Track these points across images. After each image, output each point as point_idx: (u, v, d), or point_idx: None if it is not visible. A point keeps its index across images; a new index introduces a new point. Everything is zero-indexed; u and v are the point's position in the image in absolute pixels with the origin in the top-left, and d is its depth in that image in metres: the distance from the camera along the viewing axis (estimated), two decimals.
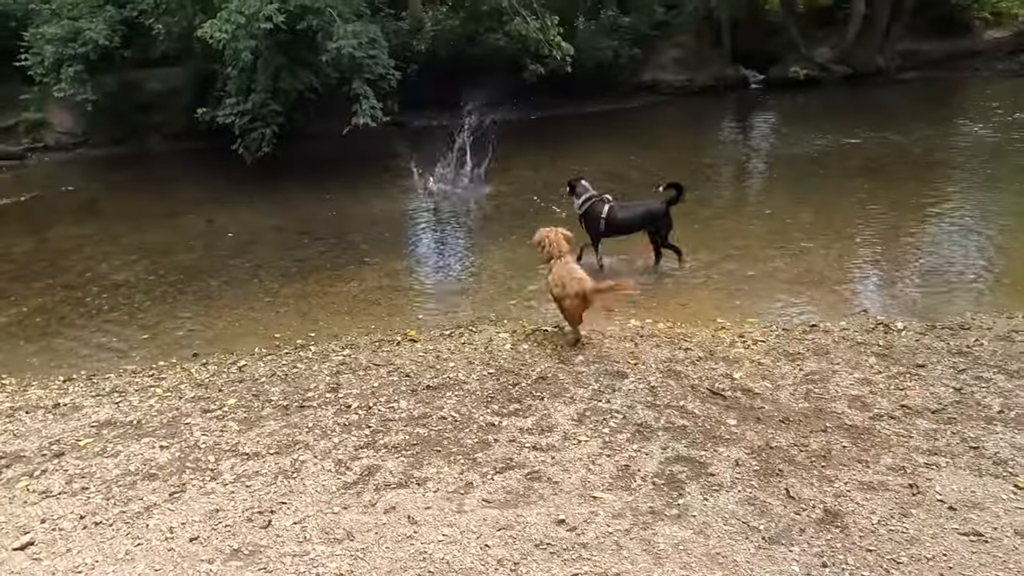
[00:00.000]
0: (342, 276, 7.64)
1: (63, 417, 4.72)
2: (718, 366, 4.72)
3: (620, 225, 6.95)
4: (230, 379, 5.14)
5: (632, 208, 7.05)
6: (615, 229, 6.97)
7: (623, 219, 6.94)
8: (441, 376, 4.85)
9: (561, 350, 5.20)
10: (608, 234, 7.01)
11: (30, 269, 8.74)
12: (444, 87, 18.07)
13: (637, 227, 6.99)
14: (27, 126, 16.26)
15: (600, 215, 6.88)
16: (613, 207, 6.94)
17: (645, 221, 6.94)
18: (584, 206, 7.00)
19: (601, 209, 6.89)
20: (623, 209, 6.99)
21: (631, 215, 6.96)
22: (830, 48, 20.19)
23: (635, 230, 7.01)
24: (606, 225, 6.91)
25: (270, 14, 10.42)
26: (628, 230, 7.02)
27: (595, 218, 6.92)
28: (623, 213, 6.95)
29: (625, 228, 7.00)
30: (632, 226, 6.99)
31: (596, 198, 7.03)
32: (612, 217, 6.90)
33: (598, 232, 6.99)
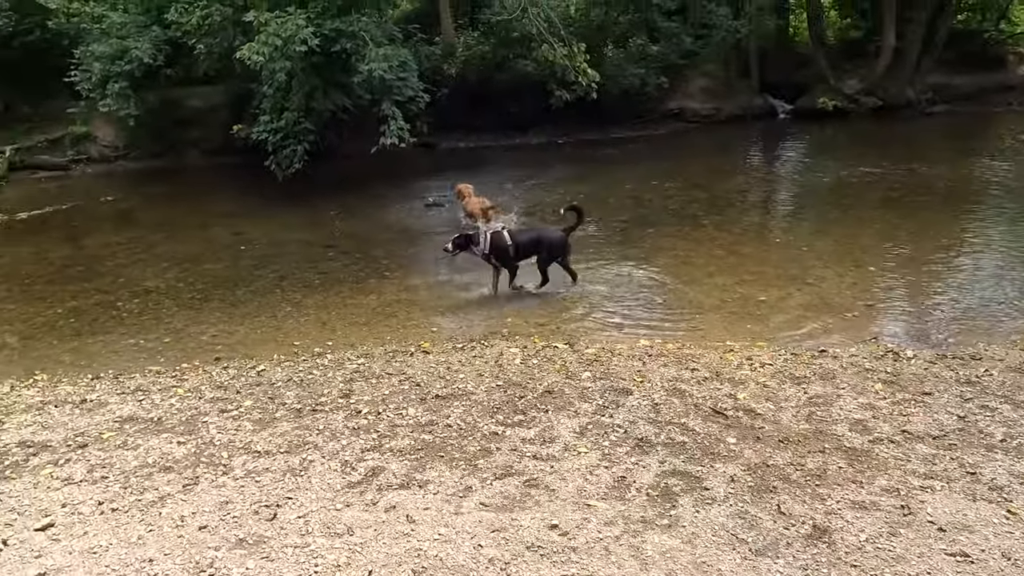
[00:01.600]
0: (363, 289, 7.85)
1: (89, 412, 4.94)
2: (723, 386, 4.77)
3: (524, 249, 7.19)
4: (248, 382, 5.32)
5: (529, 234, 7.42)
6: (521, 254, 7.20)
7: (525, 242, 7.19)
8: (450, 386, 4.98)
9: (569, 366, 5.30)
10: (516, 259, 7.19)
11: (66, 273, 9.13)
12: (473, 110, 18.52)
13: (532, 252, 7.23)
14: (72, 139, 16.99)
15: (507, 243, 7.08)
16: (512, 232, 7.23)
17: (539, 246, 7.21)
18: (487, 243, 7.09)
19: (504, 238, 7.09)
20: (521, 233, 7.37)
21: (529, 239, 7.24)
22: (859, 80, 20.19)
23: (531, 255, 7.25)
24: (515, 251, 7.12)
25: (305, 37, 10.86)
26: (527, 255, 7.25)
27: (503, 247, 7.09)
28: (522, 237, 7.27)
29: (526, 253, 7.23)
30: (530, 251, 7.23)
31: (492, 231, 7.22)
32: (516, 242, 7.13)
33: (511, 260, 7.18)
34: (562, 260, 7.24)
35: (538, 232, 7.53)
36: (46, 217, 12.72)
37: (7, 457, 4.19)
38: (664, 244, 8.92)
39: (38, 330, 7.15)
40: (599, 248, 8.87)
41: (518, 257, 7.19)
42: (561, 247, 7.20)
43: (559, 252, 7.20)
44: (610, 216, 10.56)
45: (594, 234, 9.46)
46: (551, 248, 7.19)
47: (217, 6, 13.21)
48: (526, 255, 7.23)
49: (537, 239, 7.26)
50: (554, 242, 7.20)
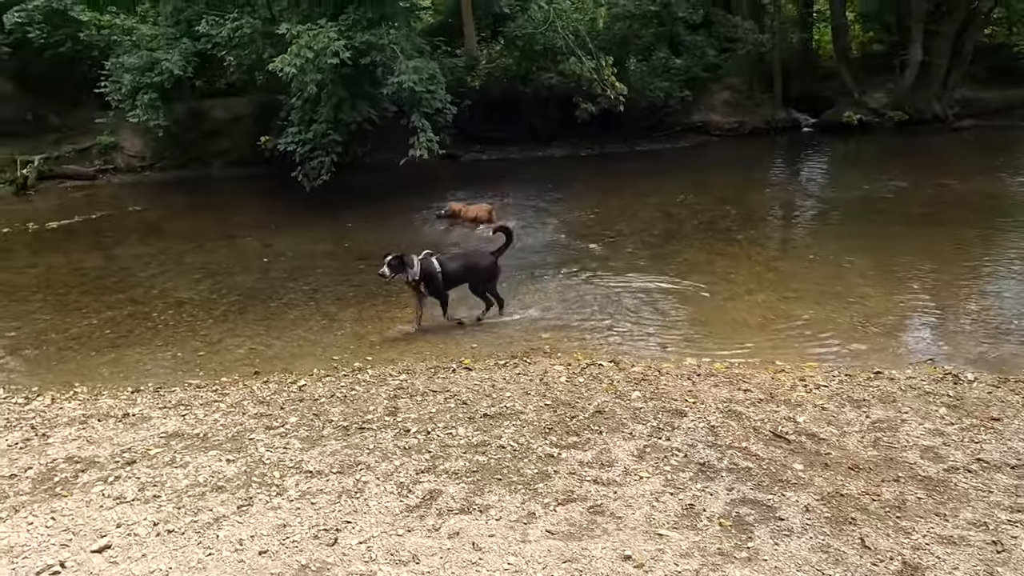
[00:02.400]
0: (398, 303, 7.77)
1: (132, 427, 4.88)
2: (779, 409, 4.64)
3: (454, 277, 6.93)
4: (291, 398, 5.25)
5: (459, 259, 7.20)
6: (450, 282, 6.93)
7: (455, 269, 6.94)
8: (498, 405, 4.88)
9: (617, 385, 5.19)
10: (449, 287, 6.94)
11: (100, 284, 9.14)
12: (496, 123, 18.55)
13: (463, 279, 7.02)
14: (100, 149, 17.16)
15: (435, 270, 6.79)
16: (441, 260, 6.92)
17: (468, 273, 7.00)
18: (418, 270, 6.72)
19: (434, 265, 6.80)
20: (450, 260, 7.05)
21: (459, 266, 7.00)
22: (885, 93, 20.00)
23: (462, 282, 7.03)
24: (444, 279, 6.84)
25: (337, 50, 10.89)
26: (457, 283, 7.01)
27: (432, 274, 6.78)
28: (452, 264, 6.97)
29: (456, 280, 6.99)
30: (460, 278, 7.00)
31: (422, 257, 6.84)
32: (445, 270, 6.85)
33: (441, 289, 6.87)
34: (491, 285, 7.03)
35: (468, 258, 7.30)
36: (75, 226, 12.79)
37: (56, 473, 4.13)
38: (699, 259, 8.80)
39: (74, 341, 7.14)
40: (634, 262, 8.79)
41: (448, 285, 6.89)
42: (492, 271, 6.99)
43: (490, 276, 6.98)
44: (641, 230, 10.47)
45: (629, 248, 9.40)
46: (482, 273, 6.97)
47: (248, 19, 13.33)
48: (457, 282, 6.97)
49: (468, 265, 7.02)
50: (485, 267, 6.98)
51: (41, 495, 3.88)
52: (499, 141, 18.71)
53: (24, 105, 17.34)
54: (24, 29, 15.54)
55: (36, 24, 15.57)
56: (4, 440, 4.76)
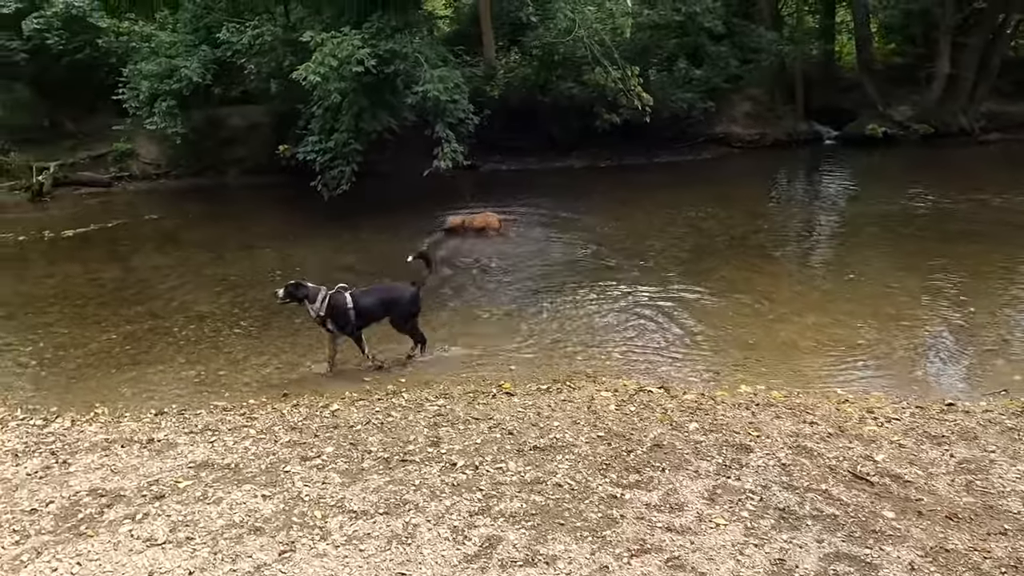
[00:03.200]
0: (426, 321, 7.45)
1: (158, 454, 4.60)
2: (853, 445, 4.31)
3: (368, 313, 6.22)
4: (324, 424, 4.95)
5: (375, 293, 6.41)
6: (364, 319, 6.21)
7: (370, 304, 6.21)
8: (547, 436, 4.57)
9: (672, 415, 4.87)
10: (361, 324, 6.21)
11: (118, 296, 8.90)
12: (515, 133, 18.28)
13: (380, 315, 6.32)
14: (116, 156, 16.99)
15: (346, 306, 6.08)
16: (355, 294, 6.19)
17: (387, 308, 6.31)
18: (326, 302, 6.07)
19: (345, 299, 6.10)
20: (365, 295, 6.29)
21: (375, 300, 6.28)
22: (911, 106, 19.66)
23: (379, 318, 6.34)
24: (357, 315, 6.12)
25: (362, 58, 10.66)
26: (374, 319, 6.31)
27: (342, 310, 6.07)
28: (367, 298, 6.24)
29: (372, 316, 6.28)
30: (376, 314, 6.30)
31: (334, 291, 6.17)
32: (358, 305, 6.11)
33: (352, 325, 6.16)
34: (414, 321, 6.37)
35: (385, 290, 6.53)
36: (91, 235, 12.59)
37: (80, 509, 3.84)
38: (737, 277, 8.48)
39: (94, 357, 6.88)
40: (669, 279, 8.47)
41: (362, 322, 6.18)
42: (415, 303, 6.32)
43: (412, 309, 6.31)
44: (672, 245, 10.15)
45: (662, 264, 9.09)
46: (403, 307, 6.29)
47: (268, 26, 13.14)
48: (372, 319, 6.26)
49: (386, 299, 6.32)
50: (405, 299, 6.30)
51: (65, 534, 3.59)
52: (517, 151, 18.43)
53: (41, 111, 17.21)
54: (43, 35, 15.41)
55: (55, 31, 15.45)
56: (24, 467, 4.49)
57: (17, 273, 10.39)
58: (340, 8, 12.75)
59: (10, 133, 16.83)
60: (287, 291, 6.13)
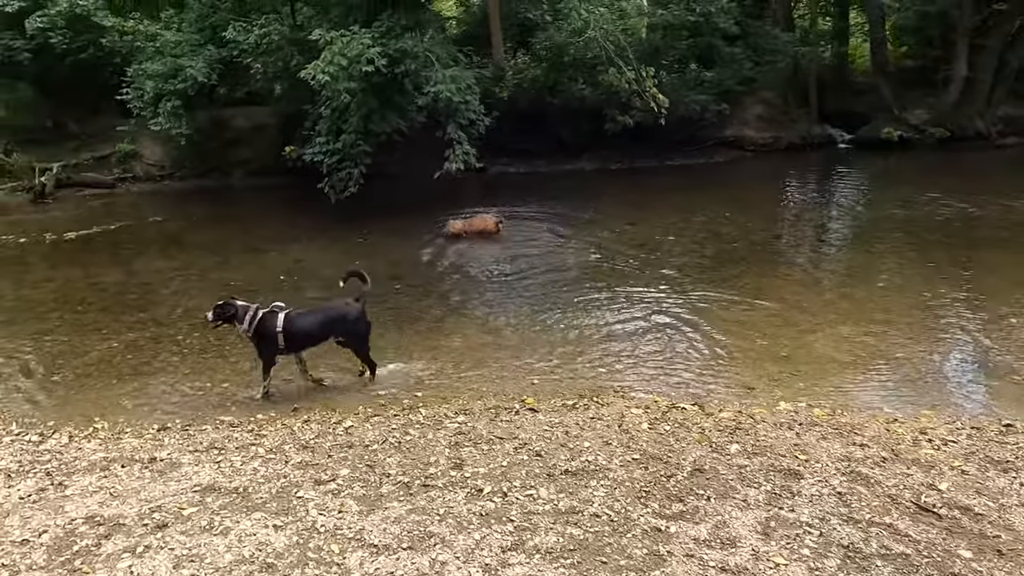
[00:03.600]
0: (441, 329, 7.18)
1: (161, 475, 4.29)
2: (912, 472, 3.98)
3: (306, 335, 5.70)
4: (338, 443, 4.64)
5: (313, 313, 5.90)
6: (299, 341, 5.70)
7: (306, 327, 5.68)
8: (578, 458, 4.25)
9: (710, 435, 4.54)
10: (291, 349, 5.71)
11: (120, 301, 8.60)
12: (523, 135, 17.98)
13: (322, 336, 5.78)
14: (119, 157, 16.73)
15: (275, 329, 5.56)
16: (291, 316, 5.64)
17: (330, 329, 5.76)
18: (255, 322, 5.57)
19: (275, 321, 5.57)
20: (302, 316, 5.74)
21: (313, 321, 5.75)
22: (926, 110, 19.33)
23: (321, 340, 5.80)
24: (286, 338, 5.60)
25: (372, 57, 10.37)
26: (315, 340, 5.79)
27: (269, 334, 5.57)
28: (304, 321, 5.70)
29: (312, 338, 5.76)
30: (317, 335, 5.76)
31: (267, 311, 5.68)
32: (290, 328, 5.59)
33: (275, 350, 5.66)
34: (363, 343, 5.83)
35: (326, 310, 5.94)
36: (93, 237, 12.31)
37: (76, 539, 3.53)
38: (763, 284, 8.15)
39: (94, 367, 6.57)
40: (691, 286, 8.14)
41: (302, 343, 5.71)
42: (362, 320, 5.74)
43: (359, 327, 5.76)
44: (692, 250, 9.83)
45: (682, 270, 8.77)
46: (350, 325, 5.71)
47: (276, 25, 12.87)
48: (313, 340, 5.75)
49: (329, 319, 5.75)
50: (350, 317, 5.71)
51: (58, 571, 3.28)
52: (526, 153, 18.14)
53: (44, 112, 16.98)
54: (46, 35, 15.17)
55: (58, 30, 15.20)
56: (16, 490, 4.18)
57: (16, 276, 10.11)
58: (348, 7, 12.48)
59: (12, 133, 16.60)
60: (216, 312, 5.64)
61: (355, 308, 5.79)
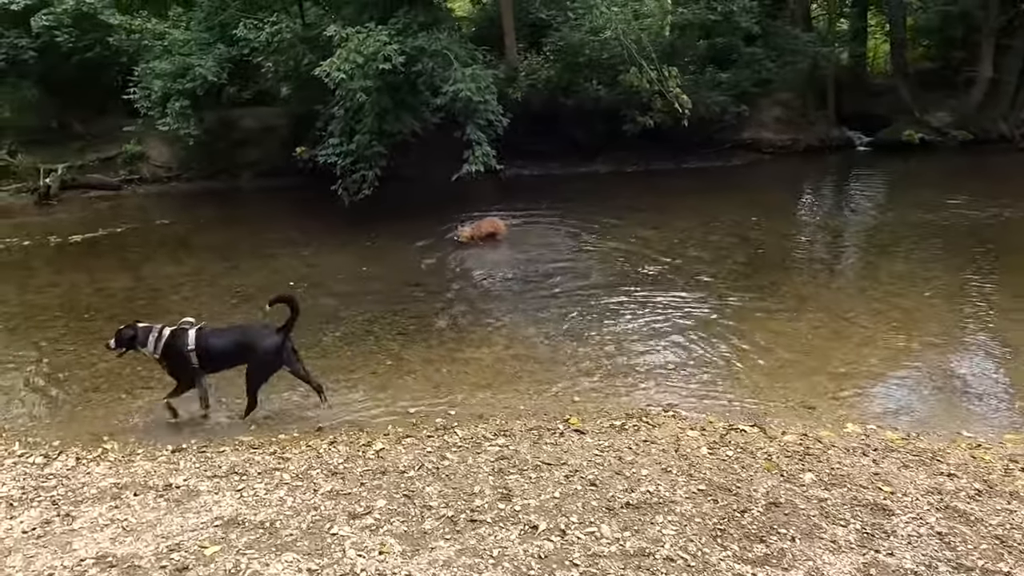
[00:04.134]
0: (467, 339, 6.79)
1: (178, 505, 3.90)
2: (1013, 507, 3.58)
3: (218, 355, 5.20)
4: (369, 468, 4.25)
5: (229, 334, 5.40)
6: (213, 361, 5.21)
7: (220, 346, 5.19)
8: (637, 489, 3.85)
9: (778, 462, 4.14)
10: (206, 368, 5.24)
11: (128, 308, 8.21)
12: (537, 137, 17.60)
13: (234, 359, 5.29)
14: (126, 158, 16.40)
15: (185, 348, 5.12)
16: (204, 334, 5.19)
17: (243, 352, 5.23)
18: (160, 343, 5.13)
19: (186, 339, 5.14)
20: (215, 335, 5.28)
21: (228, 342, 5.25)
22: (948, 112, 18.92)
23: (232, 363, 5.32)
24: (200, 357, 5.14)
25: (389, 54, 10.00)
26: (226, 363, 5.32)
27: (179, 353, 5.12)
28: (219, 340, 5.24)
29: (223, 360, 5.28)
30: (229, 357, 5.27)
31: (174, 328, 5.23)
32: (203, 345, 5.12)
33: (187, 370, 5.19)
34: (291, 368, 5.32)
35: (242, 332, 5.42)
36: (100, 240, 11.95)
37: None
38: (805, 293, 7.75)
39: (102, 379, 6.18)
40: (728, 295, 7.73)
41: (214, 365, 5.24)
42: (276, 353, 5.16)
43: (273, 360, 5.19)
44: (723, 256, 9.42)
45: (716, 278, 8.36)
46: (259, 355, 5.16)
47: (288, 23, 12.52)
48: (226, 363, 5.29)
49: (242, 343, 5.22)
50: (265, 348, 5.13)
51: None
52: (539, 155, 17.76)
53: (49, 112, 16.64)
54: (52, 33, 14.83)
55: (64, 28, 14.86)
56: (19, 522, 3.79)
57: (20, 281, 9.75)
58: (363, 4, 12.11)
59: (17, 134, 16.27)
60: (118, 339, 5.20)
61: (273, 339, 5.16)
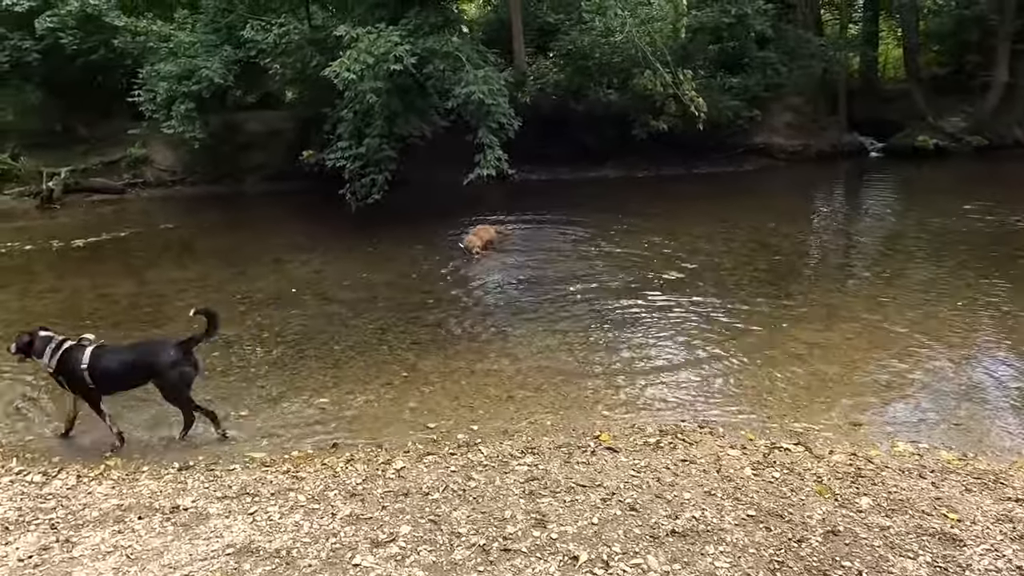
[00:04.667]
0: (486, 350, 6.51)
1: (186, 530, 3.62)
2: None
3: (112, 376, 4.82)
4: (390, 490, 3.96)
5: (127, 351, 5.05)
6: (106, 383, 4.83)
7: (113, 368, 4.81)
8: (680, 514, 3.56)
9: (830, 484, 3.86)
10: (103, 390, 4.86)
11: (132, 315, 7.98)
12: (546, 141, 17.37)
13: (131, 379, 4.94)
14: (130, 162, 16.22)
15: (79, 365, 4.76)
16: (100, 352, 4.84)
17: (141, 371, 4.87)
18: (56, 357, 4.79)
19: (81, 356, 4.79)
20: (114, 353, 4.94)
21: (124, 361, 4.89)
22: (963, 118, 18.68)
23: (131, 384, 4.98)
24: (94, 377, 4.76)
25: (401, 55, 9.76)
26: (123, 383, 4.95)
27: (74, 370, 4.77)
28: (112, 359, 4.85)
29: (119, 380, 4.89)
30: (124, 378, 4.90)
31: (72, 343, 4.89)
32: (97, 365, 4.75)
33: (87, 389, 4.82)
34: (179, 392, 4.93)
35: (143, 349, 5.09)
36: (103, 244, 11.72)
37: None
38: (834, 301, 7.48)
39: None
40: (755, 304, 7.44)
41: (111, 385, 4.86)
42: (179, 366, 4.81)
43: (176, 374, 4.83)
44: (744, 263, 9.15)
45: (739, 286, 8.08)
46: (162, 371, 4.80)
47: (295, 24, 12.31)
48: (123, 382, 4.92)
49: (141, 361, 4.88)
50: (164, 363, 4.78)
51: None
52: (548, 160, 17.52)
53: (53, 115, 16.48)
54: (56, 35, 14.64)
55: (69, 30, 14.68)
56: (15, 548, 3.52)
57: (21, 286, 9.48)
58: (373, 5, 11.88)
59: (20, 137, 16.11)
60: (17, 344, 4.90)
61: (173, 353, 4.83)
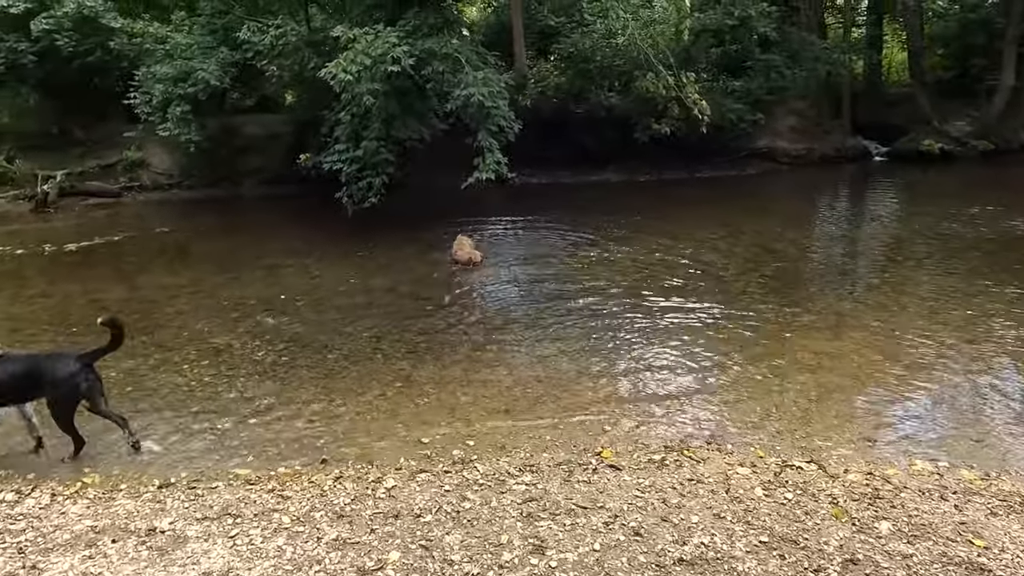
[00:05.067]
0: (483, 358, 6.29)
1: (162, 555, 3.40)
2: None
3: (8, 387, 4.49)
4: (380, 511, 3.75)
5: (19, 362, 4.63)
6: None
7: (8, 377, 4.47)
8: (689, 541, 3.34)
9: (846, 507, 3.63)
10: None
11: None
12: (547, 144, 17.18)
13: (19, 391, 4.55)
14: (126, 165, 16.03)
15: None
16: None
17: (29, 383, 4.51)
18: None
19: None
20: (6, 363, 4.55)
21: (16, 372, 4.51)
22: (968, 122, 18.48)
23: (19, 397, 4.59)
24: None
25: (399, 56, 9.56)
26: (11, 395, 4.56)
27: None
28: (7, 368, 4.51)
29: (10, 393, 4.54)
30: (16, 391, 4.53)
31: None
32: None
33: None
34: (91, 403, 4.62)
35: (35, 361, 4.66)
36: (96, 249, 11.51)
37: None
38: (844, 309, 7.25)
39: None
40: (764, 312, 7.21)
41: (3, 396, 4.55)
42: (75, 380, 4.50)
43: (71, 391, 4.52)
44: (750, 269, 8.92)
45: (748, 292, 7.87)
46: (57, 385, 4.48)
47: (292, 25, 12.12)
48: (16, 396, 4.58)
49: (35, 372, 4.52)
50: (59, 376, 4.47)
51: None
52: (548, 163, 17.35)
53: (49, 117, 16.28)
54: (52, 37, 14.45)
55: (65, 32, 14.48)
56: None
57: (11, 292, 9.27)
58: (370, 5, 11.70)
59: (16, 140, 15.93)
60: None
61: (70, 367, 4.52)
